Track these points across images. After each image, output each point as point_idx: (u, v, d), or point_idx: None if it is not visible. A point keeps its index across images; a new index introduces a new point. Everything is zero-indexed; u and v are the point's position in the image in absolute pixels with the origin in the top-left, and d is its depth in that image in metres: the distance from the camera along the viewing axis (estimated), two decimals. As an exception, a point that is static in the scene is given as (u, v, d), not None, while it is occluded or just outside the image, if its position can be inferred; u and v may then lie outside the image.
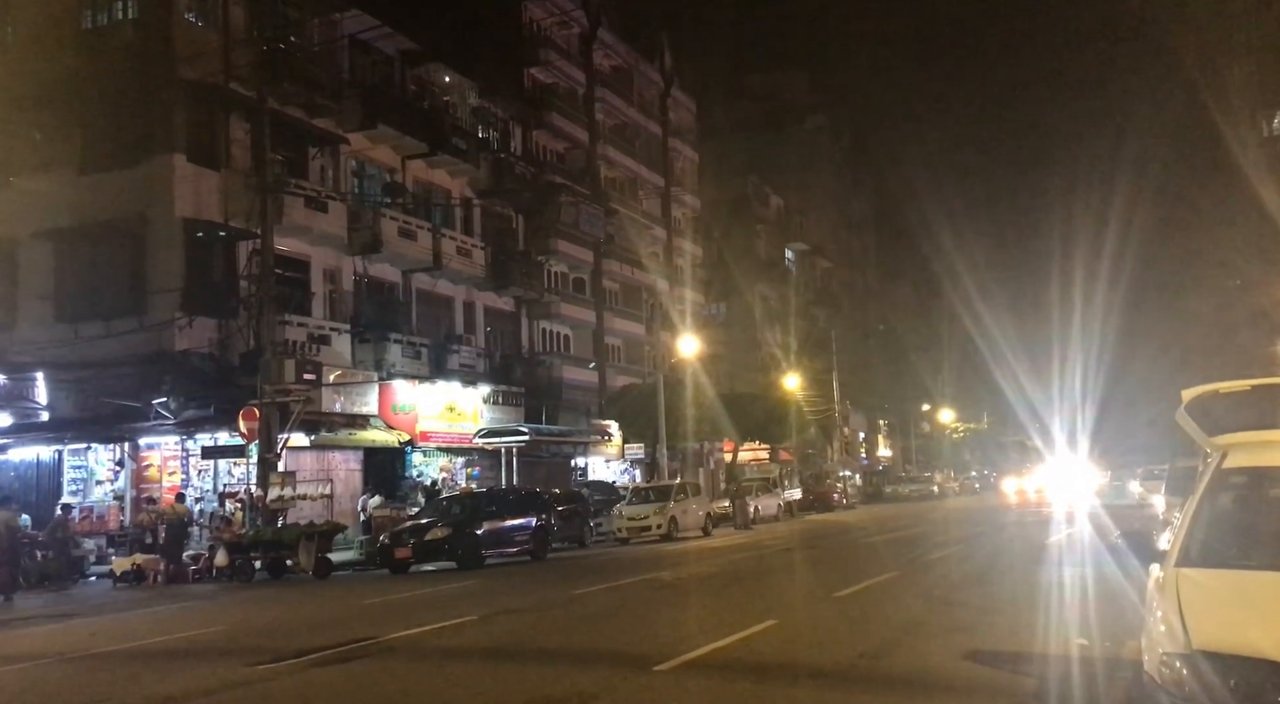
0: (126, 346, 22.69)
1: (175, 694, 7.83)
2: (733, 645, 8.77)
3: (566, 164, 39.71)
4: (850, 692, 6.90)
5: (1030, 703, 6.33)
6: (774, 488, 37.89)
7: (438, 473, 29.47)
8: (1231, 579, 4.40)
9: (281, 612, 14.11)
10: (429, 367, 28.93)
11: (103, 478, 23.82)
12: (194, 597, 17.32)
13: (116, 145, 23.69)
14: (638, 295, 43.69)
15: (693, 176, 51.56)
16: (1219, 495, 5.13)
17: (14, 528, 18.94)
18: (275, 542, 19.76)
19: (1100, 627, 8.62)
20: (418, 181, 31.21)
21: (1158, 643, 4.02)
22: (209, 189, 23.90)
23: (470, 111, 33.47)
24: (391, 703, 7.24)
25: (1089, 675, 6.87)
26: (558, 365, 36.19)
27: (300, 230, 25.37)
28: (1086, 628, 8.67)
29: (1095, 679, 6.83)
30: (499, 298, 34.20)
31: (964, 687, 6.83)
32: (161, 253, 23.34)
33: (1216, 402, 5.76)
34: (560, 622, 11.36)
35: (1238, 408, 5.67)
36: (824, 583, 13.42)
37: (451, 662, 8.98)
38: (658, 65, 48.76)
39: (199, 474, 23.64)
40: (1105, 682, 6.52)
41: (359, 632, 10.66)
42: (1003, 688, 6.76)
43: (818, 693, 6.87)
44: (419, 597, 14.79)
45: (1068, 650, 7.82)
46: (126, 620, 14.09)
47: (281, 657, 9.27)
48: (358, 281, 28.32)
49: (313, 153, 27.16)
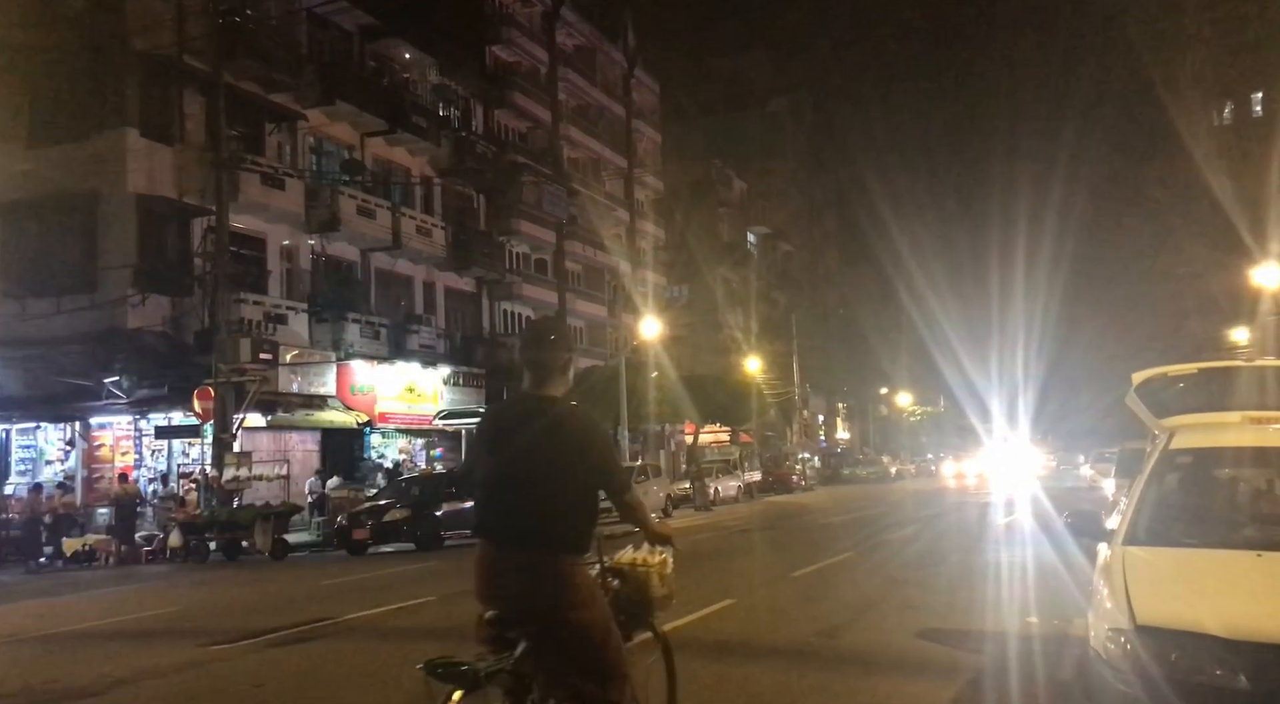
0: (77, 324, 22.25)
1: (126, 676, 7.72)
2: (690, 625, 8.82)
3: (529, 144, 39.42)
4: (806, 669, 6.97)
5: (981, 679, 6.43)
6: (734, 470, 38.15)
7: (397, 454, 29.29)
8: (1176, 557, 4.50)
9: (236, 592, 13.97)
10: (388, 347, 28.69)
11: (52, 458, 23.38)
12: (146, 578, 17.09)
13: (67, 118, 23.14)
14: (600, 277, 43.60)
15: (656, 158, 51.46)
16: (1165, 476, 5.24)
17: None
18: (231, 522, 19.56)
19: (1050, 605, 8.79)
20: (377, 159, 30.82)
21: (1103, 619, 4.10)
22: (163, 164, 23.44)
23: (431, 89, 33.08)
24: (348, 683, 7.20)
25: (1038, 652, 7.00)
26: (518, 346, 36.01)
27: (257, 207, 24.98)
28: (1036, 606, 8.84)
29: (1044, 656, 6.96)
30: (460, 278, 33.94)
31: (917, 664, 6.93)
32: (114, 228, 22.88)
33: (1165, 385, 5.88)
34: (519, 602, 11.34)
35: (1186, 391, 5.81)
36: (781, 563, 13.55)
37: (410, 642, 8.94)
38: (621, 45, 48.51)
39: (153, 454, 23.28)
40: (1054, 658, 6.65)
41: (316, 612, 10.60)
42: (954, 665, 6.87)
43: (774, 670, 6.94)
44: (377, 577, 14.70)
45: (1018, 628, 7.96)
46: (76, 602, 13.87)
47: (236, 638, 9.18)
48: (315, 260, 27.97)
49: (269, 129, 26.71)
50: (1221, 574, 4.24)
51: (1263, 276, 25.24)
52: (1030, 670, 6.44)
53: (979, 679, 6.44)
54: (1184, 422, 5.57)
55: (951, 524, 20.51)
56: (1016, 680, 6.27)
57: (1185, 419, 5.59)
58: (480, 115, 36.79)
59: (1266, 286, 25.77)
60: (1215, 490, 5.35)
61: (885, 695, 6.13)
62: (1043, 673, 6.30)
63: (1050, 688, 5.95)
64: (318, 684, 7.22)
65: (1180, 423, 5.57)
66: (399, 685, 6.97)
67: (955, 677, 6.54)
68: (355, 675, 7.47)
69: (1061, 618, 8.02)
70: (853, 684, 6.40)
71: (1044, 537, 14.27)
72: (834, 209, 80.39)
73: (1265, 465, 5.36)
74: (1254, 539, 4.73)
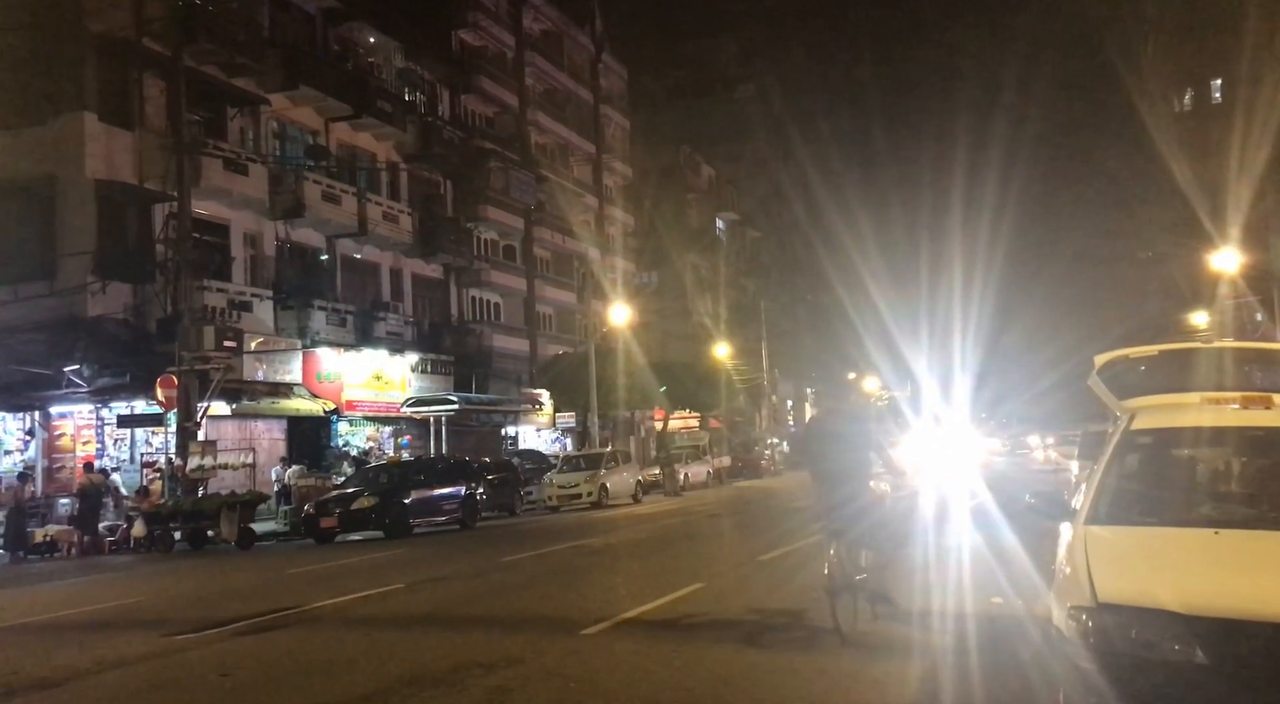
0: (36, 312, 21.89)
1: (89, 666, 7.63)
2: (659, 608, 8.87)
3: (496, 129, 39.15)
4: (774, 651, 7.03)
5: (943, 658, 6.51)
6: (703, 455, 38.26)
7: (364, 442, 29.09)
8: (1136, 535, 4.57)
9: (202, 582, 13.84)
10: (355, 334, 28.45)
11: (11, 447, 23.00)
12: (110, 568, 16.89)
13: (22, 102, 22.67)
14: (569, 263, 43.47)
15: (624, 144, 51.32)
16: (1126, 456, 5.31)
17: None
18: (196, 512, 19.36)
19: (1014, 585, 8.90)
20: (342, 145, 30.48)
21: (1065, 597, 4.16)
22: (122, 149, 23.03)
23: (396, 73, 32.74)
24: (315, 671, 7.16)
25: (1002, 631, 7.09)
26: (488, 333, 35.90)
27: (219, 193, 24.63)
28: (1001, 587, 8.94)
29: (1008, 635, 7.05)
30: (427, 265, 33.70)
31: (881, 644, 7.00)
32: (72, 215, 22.47)
33: (1127, 367, 5.96)
34: (488, 589, 11.34)
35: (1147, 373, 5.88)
36: (750, 547, 13.62)
37: (378, 629, 8.91)
38: (588, 30, 48.26)
39: (115, 443, 22.97)
40: (1016, 637, 6.74)
41: (282, 601, 10.52)
42: (918, 644, 6.95)
43: (741, 652, 6.98)
44: (345, 566, 14.62)
45: (982, 608, 8.06)
46: (38, 593, 13.68)
47: (201, 627, 9.10)
48: (280, 247, 27.65)
49: (232, 113, 26.33)
50: (1180, 552, 4.30)
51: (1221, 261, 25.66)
52: (992, 650, 6.52)
53: (941, 658, 6.52)
54: (1145, 403, 5.65)
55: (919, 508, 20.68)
56: (978, 659, 6.36)
57: (1146, 401, 5.67)
58: (446, 100, 36.47)
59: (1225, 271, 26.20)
60: (1175, 470, 5.43)
61: (851, 674, 6.19)
62: (1004, 652, 6.38)
63: (1011, 666, 6.03)
64: (285, 673, 7.17)
65: (1141, 404, 5.65)
66: (365, 672, 6.96)
67: (918, 656, 6.62)
68: (322, 663, 7.43)
69: (1027, 598, 8.13)
70: (820, 664, 6.46)
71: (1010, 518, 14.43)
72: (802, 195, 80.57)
73: (1223, 445, 5.45)
74: (1212, 517, 4.81)
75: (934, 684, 5.99)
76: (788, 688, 5.94)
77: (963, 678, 5.99)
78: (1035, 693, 5.28)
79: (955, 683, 5.92)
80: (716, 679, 6.22)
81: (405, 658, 7.43)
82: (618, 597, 9.65)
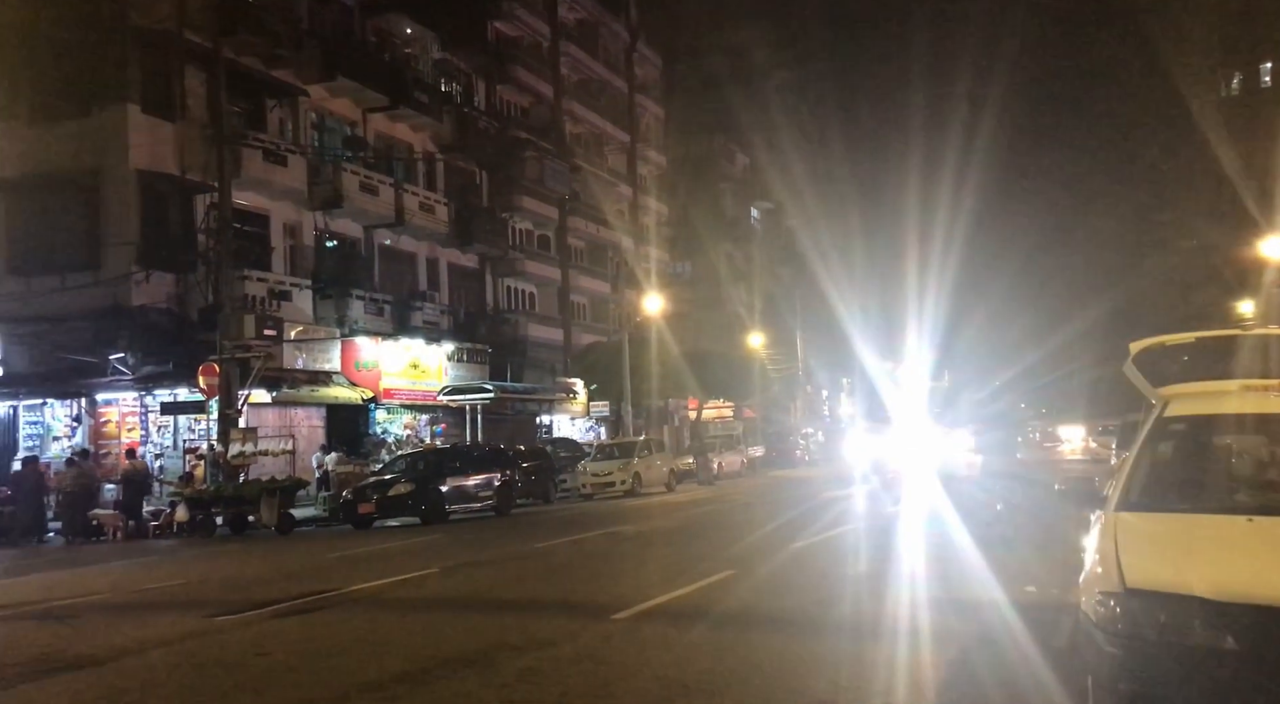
0: (82, 301, 22.31)
1: (132, 645, 7.83)
2: (690, 595, 8.91)
3: (531, 119, 39.25)
4: (803, 637, 7.04)
5: (975, 645, 6.50)
6: (737, 444, 38.21)
7: (401, 430, 29.39)
8: (1167, 522, 4.53)
9: (242, 566, 14.09)
10: (392, 323, 28.73)
11: (60, 434, 23.51)
12: (154, 552, 17.25)
13: (68, 95, 23.06)
14: (603, 253, 43.54)
15: (658, 133, 51.22)
16: (1159, 443, 5.26)
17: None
18: (237, 497, 19.67)
19: (1048, 573, 8.84)
20: (379, 135, 30.74)
21: (1094, 583, 4.14)
22: (164, 140, 23.39)
23: (432, 64, 32.92)
24: (350, 652, 7.29)
25: (1034, 620, 7.05)
26: (523, 323, 36.08)
27: (259, 184, 24.95)
28: (1036, 576, 8.89)
29: (1040, 623, 7.01)
30: (463, 255, 33.92)
31: (913, 631, 7.00)
32: (116, 205, 22.87)
33: (1163, 354, 5.89)
34: (522, 574, 11.45)
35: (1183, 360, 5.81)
36: (783, 535, 13.61)
37: (412, 612, 9.04)
38: (623, 19, 48.17)
39: (158, 430, 23.40)
40: (1049, 625, 6.71)
41: (320, 584, 10.70)
42: (950, 632, 6.94)
43: (772, 638, 7.01)
44: (381, 550, 14.81)
45: (1015, 597, 8.02)
46: (84, 575, 14.00)
47: (241, 609, 9.29)
48: (319, 237, 27.96)
49: (271, 105, 26.64)
50: (1212, 538, 4.26)
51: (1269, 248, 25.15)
52: (1025, 637, 6.49)
53: (973, 645, 6.50)
54: (1180, 390, 5.59)
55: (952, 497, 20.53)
56: (1011, 647, 6.33)
57: (1182, 388, 5.60)
58: (482, 91, 36.62)
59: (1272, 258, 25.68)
60: (1209, 457, 5.37)
61: (882, 661, 6.19)
62: (1038, 639, 6.35)
63: (1044, 654, 6.00)
64: (321, 653, 7.31)
65: (1177, 391, 5.59)
66: (400, 653, 7.07)
67: (950, 643, 6.61)
68: (357, 644, 7.56)
69: (1060, 587, 8.07)
70: (850, 651, 6.47)
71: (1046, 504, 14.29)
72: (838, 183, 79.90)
73: (1260, 432, 5.37)
74: (1246, 504, 4.76)
75: (965, 670, 5.99)
76: (818, 674, 5.96)
77: (994, 664, 5.97)
78: (1067, 679, 5.26)
79: (986, 669, 5.91)
80: (747, 665, 6.25)
81: (438, 640, 7.55)
82: (649, 583, 9.71)
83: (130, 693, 6.37)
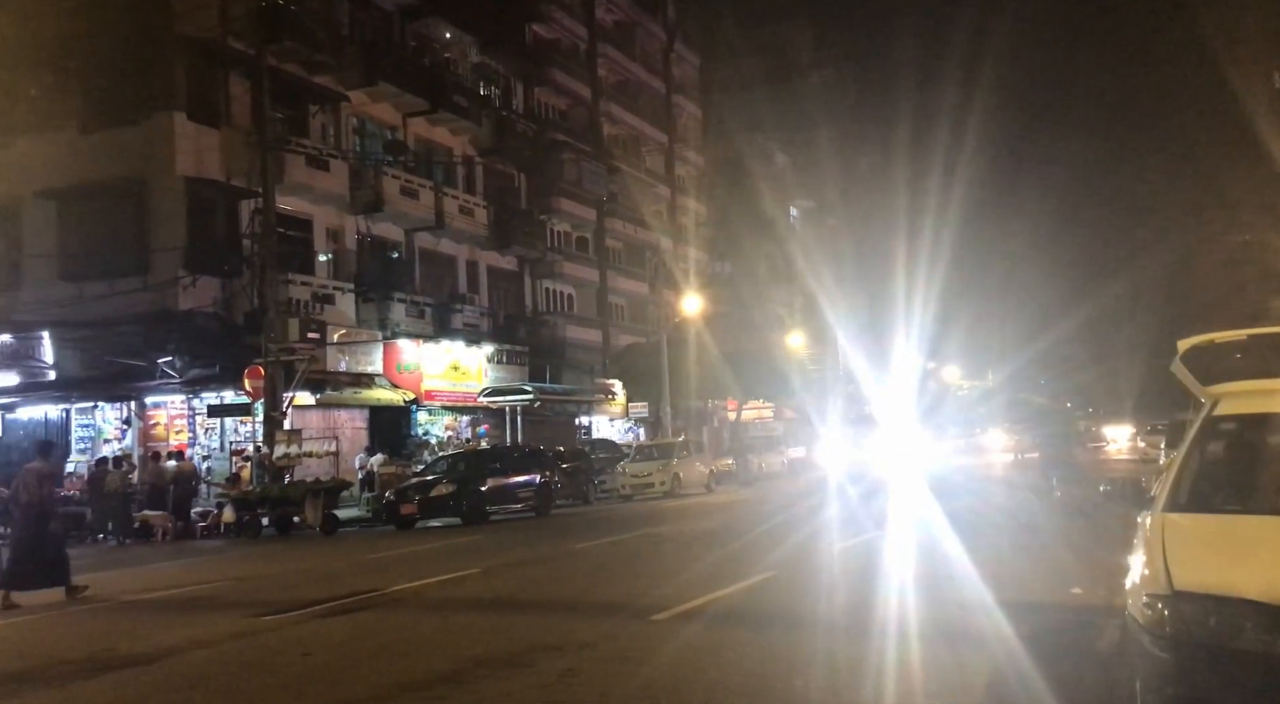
0: (131, 305, 22.75)
1: (179, 644, 7.96)
2: (731, 596, 8.88)
3: (569, 121, 39.40)
4: (846, 639, 6.98)
5: (1020, 648, 6.40)
6: (777, 445, 38.05)
7: (442, 431, 29.64)
8: (1215, 523, 4.44)
9: (287, 566, 14.28)
10: (433, 326, 28.99)
11: (110, 436, 23.99)
12: (201, 552, 17.55)
13: (117, 103, 23.57)
14: (641, 254, 43.56)
15: (696, 133, 51.14)
16: (1208, 443, 5.15)
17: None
18: (282, 498, 19.96)
19: (1097, 576, 8.69)
20: (419, 139, 31.01)
21: (1141, 585, 4.06)
22: (210, 147, 23.78)
23: (471, 68, 33.17)
24: (393, 651, 7.36)
25: (1082, 622, 6.95)
26: (561, 324, 36.21)
27: (302, 189, 25.29)
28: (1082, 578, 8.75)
29: (1088, 625, 6.91)
30: (502, 257, 34.11)
31: (957, 633, 6.91)
32: (164, 212, 23.31)
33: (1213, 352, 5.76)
34: (561, 574, 11.49)
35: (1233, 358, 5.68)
36: (825, 537, 13.52)
37: (454, 612, 9.11)
38: (661, 19, 48.17)
39: (205, 432, 23.80)
40: (1096, 628, 6.60)
41: (363, 584, 10.81)
42: (995, 634, 6.84)
43: (815, 640, 6.96)
44: (423, 551, 14.94)
45: (1062, 599, 7.90)
46: (133, 575, 14.28)
47: (286, 608, 9.41)
48: (360, 241, 28.27)
49: (313, 110, 26.99)
50: (1263, 539, 4.16)
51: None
52: (1071, 640, 6.40)
53: (1019, 648, 6.41)
54: (1231, 389, 5.46)
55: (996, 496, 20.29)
56: (1057, 650, 6.23)
57: (1232, 386, 5.48)
58: (520, 93, 36.81)
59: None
60: (1260, 457, 5.24)
61: (925, 664, 6.13)
62: (1084, 642, 6.25)
63: (1090, 657, 5.90)
64: (364, 652, 7.38)
65: (1227, 390, 5.46)
66: (441, 653, 7.13)
67: (995, 646, 6.51)
68: (400, 644, 7.63)
69: (1109, 589, 7.94)
70: (894, 653, 6.41)
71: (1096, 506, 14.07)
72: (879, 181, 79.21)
73: (1316, 432, 5.24)
74: (1300, 506, 4.64)
75: (1010, 674, 5.90)
76: (859, 675, 5.91)
77: (1040, 668, 5.88)
78: (1114, 683, 5.17)
79: (1031, 673, 5.82)
80: (789, 667, 6.21)
81: (479, 639, 7.59)
82: (689, 584, 9.69)
83: (177, 691, 6.48)
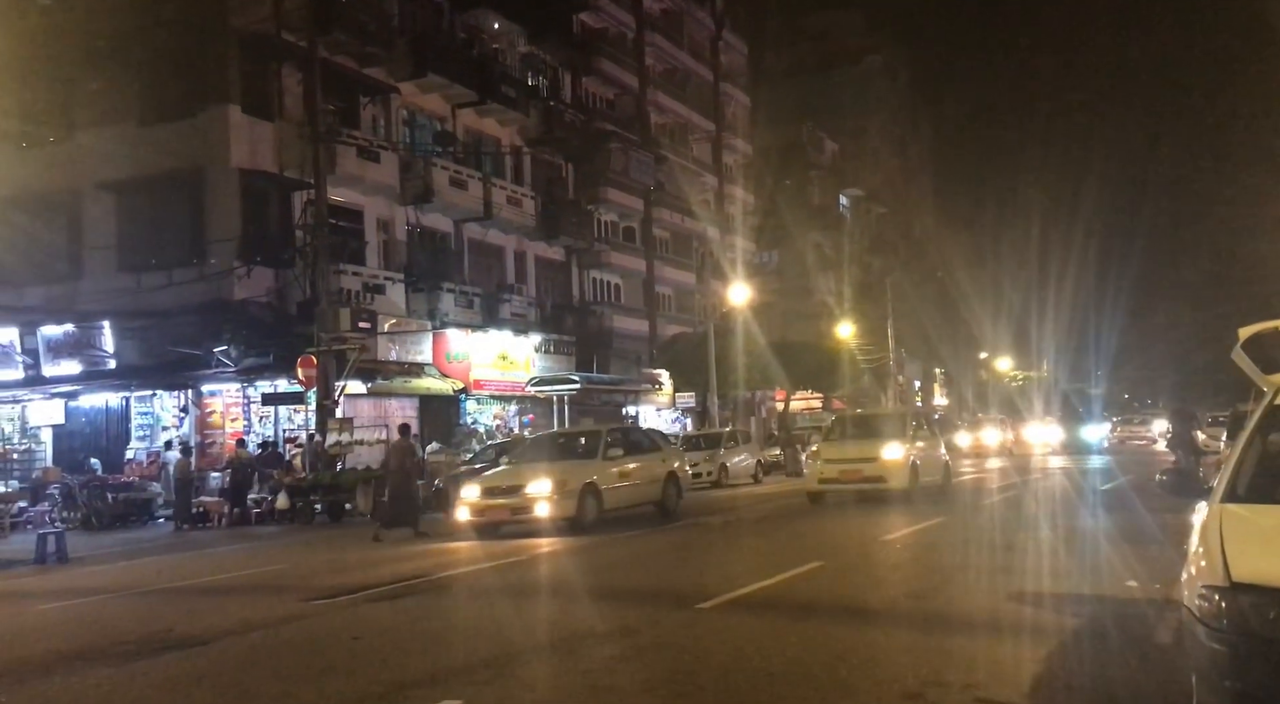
0: (187, 295, 23.23)
1: (233, 626, 8.13)
2: (777, 585, 8.84)
3: (616, 111, 39.36)
4: (893, 629, 6.91)
5: (1072, 641, 6.29)
6: (826, 435, 37.73)
7: (491, 420, 29.86)
8: (1275, 514, 4.30)
9: (339, 552, 14.49)
10: (481, 316, 29.19)
11: (168, 424, 24.52)
12: (256, 538, 17.88)
13: (173, 97, 24.01)
14: (688, 244, 43.43)
15: (744, 122, 50.81)
16: (1271, 432, 5.00)
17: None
18: (334, 485, 20.26)
19: (1151, 570, 8.51)
20: (468, 130, 31.21)
21: (1198, 577, 3.95)
22: (263, 139, 24.16)
23: (519, 59, 33.26)
24: (440, 636, 7.43)
25: (1135, 615, 6.80)
26: (608, 314, 36.25)
27: (353, 180, 25.59)
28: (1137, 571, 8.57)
29: (1142, 619, 6.77)
30: (549, 247, 34.23)
31: (1009, 625, 6.81)
32: (219, 203, 23.74)
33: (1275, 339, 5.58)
34: (607, 563, 11.52)
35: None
36: (872, 527, 13.41)
37: (500, 598, 9.18)
38: (708, 7, 47.88)
39: (260, 420, 24.22)
40: (1151, 621, 6.46)
41: (412, 570, 10.96)
42: (1046, 627, 6.73)
43: (860, 630, 6.90)
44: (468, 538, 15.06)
45: (1115, 592, 7.75)
46: (191, 559, 14.60)
47: (337, 593, 9.56)
48: (410, 231, 28.55)
49: (364, 102, 27.27)
50: (1327, 531, 4.03)
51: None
52: (1124, 633, 6.27)
53: (1070, 641, 6.30)
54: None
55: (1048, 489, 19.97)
56: (1110, 642, 6.11)
57: (1295, 375, 5.31)
58: (568, 83, 36.86)
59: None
60: (1325, 447, 5.08)
61: (974, 655, 6.03)
62: (1138, 636, 6.12)
63: (1145, 651, 5.78)
64: (412, 637, 7.47)
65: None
66: (487, 638, 7.18)
67: (1046, 638, 6.40)
68: (447, 629, 7.71)
69: (1164, 582, 7.77)
70: (941, 644, 6.33)
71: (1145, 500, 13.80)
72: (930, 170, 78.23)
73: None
74: (1367, 497, 4.48)
75: (1061, 666, 5.79)
76: (905, 665, 5.84)
77: (1092, 661, 5.77)
78: (1170, 676, 5.06)
79: (1083, 666, 5.71)
80: (832, 655, 6.16)
81: (525, 626, 7.64)
82: (735, 573, 9.66)
83: (230, 672, 6.62)
